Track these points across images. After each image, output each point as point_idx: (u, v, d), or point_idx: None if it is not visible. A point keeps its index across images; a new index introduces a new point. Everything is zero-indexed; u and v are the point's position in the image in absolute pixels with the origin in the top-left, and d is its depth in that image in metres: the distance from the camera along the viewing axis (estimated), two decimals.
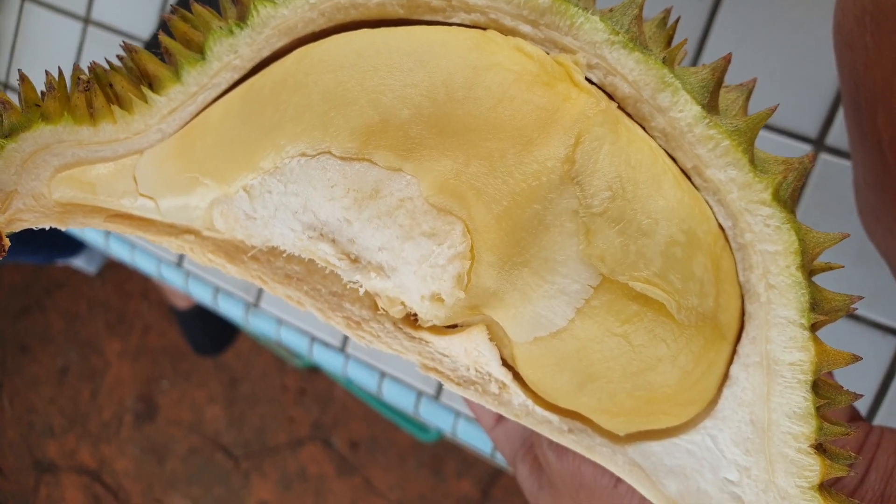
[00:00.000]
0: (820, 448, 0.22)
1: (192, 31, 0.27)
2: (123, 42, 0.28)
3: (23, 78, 0.26)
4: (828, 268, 0.23)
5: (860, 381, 0.51)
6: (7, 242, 0.26)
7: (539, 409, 0.27)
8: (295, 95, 0.24)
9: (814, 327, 0.22)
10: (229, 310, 0.72)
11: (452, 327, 0.27)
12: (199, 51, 0.27)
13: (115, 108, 0.27)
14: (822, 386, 0.22)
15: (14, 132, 0.26)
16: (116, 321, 1.95)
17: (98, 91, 0.27)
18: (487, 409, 0.40)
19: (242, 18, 0.26)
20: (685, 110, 0.22)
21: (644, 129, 0.23)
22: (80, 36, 0.76)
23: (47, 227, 0.28)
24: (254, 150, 0.25)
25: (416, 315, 0.27)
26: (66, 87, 0.27)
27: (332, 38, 0.25)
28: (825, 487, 0.23)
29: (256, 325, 0.70)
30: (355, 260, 0.25)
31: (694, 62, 0.54)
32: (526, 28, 0.23)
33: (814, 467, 0.22)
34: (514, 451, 0.40)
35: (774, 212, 0.22)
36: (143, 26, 0.73)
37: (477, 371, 0.27)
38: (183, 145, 0.27)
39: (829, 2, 0.50)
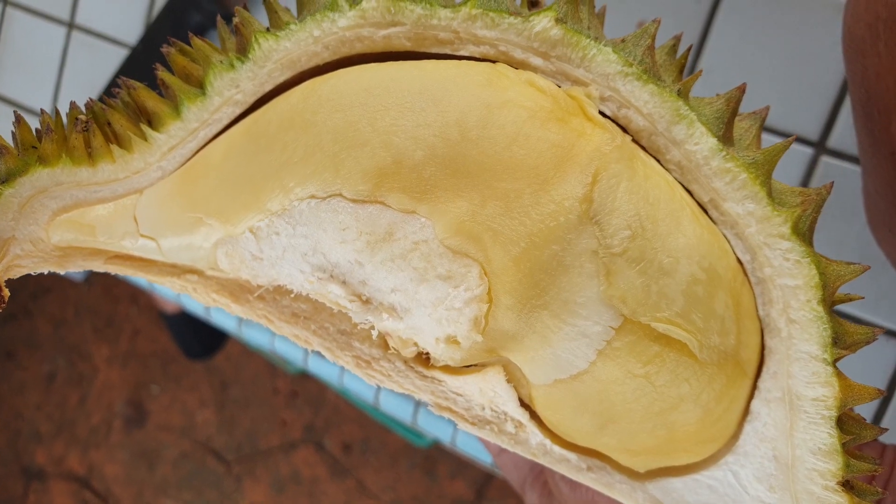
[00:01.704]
0: (847, 485, 0.22)
1: (191, 64, 0.26)
2: (122, 78, 0.27)
3: (18, 119, 0.26)
4: (847, 299, 0.23)
5: (871, 381, 0.50)
6: (7, 293, 0.26)
7: (557, 448, 0.26)
8: (304, 135, 0.23)
9: (836, 360, 0.22)
10: (222, 320, 0.71)
11: (468, 367, 0.27)
12: (199, 85, 0.26)
13: (113, 147, 0.26)
14: (846, 421, 0.22)
15: (11, 177, 0.25)
16: (105, 326, 1.93)
17: (96, 130, 0.26)
18: None
19: (243, 52, 0.25)
20: (701, 143, 0.22)
21: (659, 161, 0.23)
22: (64, 41, 0.74)
23: (45, 272, 0.28)
24: (260, 190, 0.25)
25: (428, 354, 0.27)
26: (63, 127, 0.26)
27: (339, 73, 0.24)
28: None
29: (250, 335, 0.69)
30: (367, 301, 0.25)
31: (693, 67, 0.53)
32: (537, 60, 0.23)
33: None
34: (523, 478, 0.39)
35: (794, 245, 0.22)
36: (129, 31, 0.71)
37: (493, 410, 0.27)
38: (185, 183, 0.26)
39: (827, 4, 0.50)
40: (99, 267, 0.29)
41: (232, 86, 0.25)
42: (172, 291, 0.30)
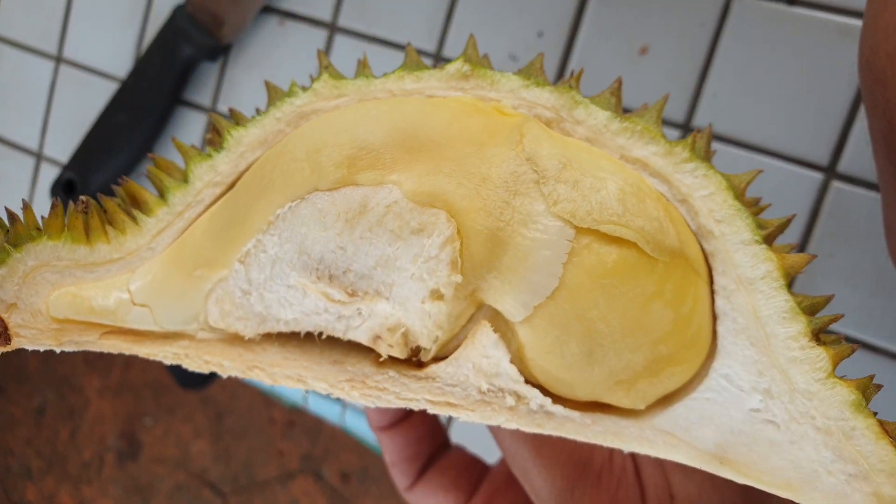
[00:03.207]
0: (818, 340, 0.25)
1: (172, 165, 0.31)
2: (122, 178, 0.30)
3: (25, 206, 0.28)
4: (757, 200, 0.28)
5: (888, 412, 0.49)
6: (14, 334, 0.28)
7: (559, 409, 0.28)
8: (278, 160, 0.27)
9: (766, 240, 0.26)
10: None
11: (456, 343, 0.29)
12: (182, 178, 0.30)
13: (109, 228, 0.29)
14: (804, 303, 0.26)
15: (19, 242, 0.28)
16: (96, 357, 1.90)
17: (94, 213, 0.29)
18: (403, 471, 0.41)
19: (219, 145, 0.30)
20: (598, 116, 0.27)
21: None
22: (52, 75, 0.73)
23: (41, 349, 0.29)
24: (244, 220, 0.28)
25: (418, 355, 0.29)
26: (64, 209, 0.29)
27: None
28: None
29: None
30: (353, 294, 0.27)
31: (698, 91, 0.52)
32: (457, 94, 0.29)
33: (822, 356, 0.25)
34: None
35: (697, 164, 0.27)
36: (117, 64, 0.70)
37: (490, 388, 0.28)
38: (173, 253, 0.29)
39: (832, 27, 0.49)
40: (94, 345, 0.30)
41: (211, 170, 0.30)
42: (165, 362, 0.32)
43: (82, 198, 0.29)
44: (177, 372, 1.62)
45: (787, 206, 0.50)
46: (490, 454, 0.45)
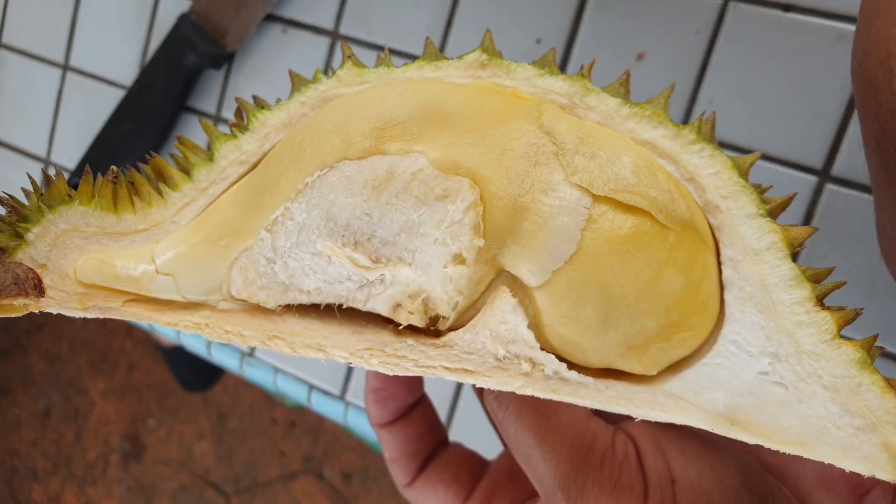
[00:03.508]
0: (822, 305, 0.26)
1: (197, 146, 0.32)
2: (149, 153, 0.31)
3: (58, 174, 0.29)
4: (759, 185, 0.28)
5: None
6: (45, 286, 0.29)
7: (574, 374, 0.29)
8: (308, 133, 0.29)
9: (770, 214, 0.27)
10: (223, 359, 0.70)
11: (474, 311, 0.30)
12: (208, 156, 0.31)
13: (136, 199, 0.30)
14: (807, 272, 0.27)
15: (53, 204, 0.29)
16: (100, 360, 1.91)
17: (123, 183, 0.30)
18: (403, 468, 0.41)
19: (244, 128, 0.31)
20: (609, 102, 0.29)
21: None
22: (59, 83, 0.74)
23: (66, 313, 0.30)
24: (273, 190, 0.29)
25: (436, 325, 0.30)
26: (94, 177, 0.30)
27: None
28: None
29: (251, 374, 0.68)
30: (377, 260, 0.28)
31: (693, 97, 0.53)
32: (475, 82, 0.30)
33: (827, 319, 0.26)
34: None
35: (703, 146, 0.28)
36: (123, 72, 0.71)
37: (506, 354, 0.29)
38: (199, 225, 0.31)
39: (826, 32, 0.50)
40: (116, 312, 0.31)
41: (235, 149, 0.31)
42: (183, 331, 0.33)
43: (112, 168, 0.30)
44: (179, 375, 1.63)
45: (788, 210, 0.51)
46: (488, 451, 0.46)
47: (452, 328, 0.30)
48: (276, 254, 0.29)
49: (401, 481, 0.42)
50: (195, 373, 1.57)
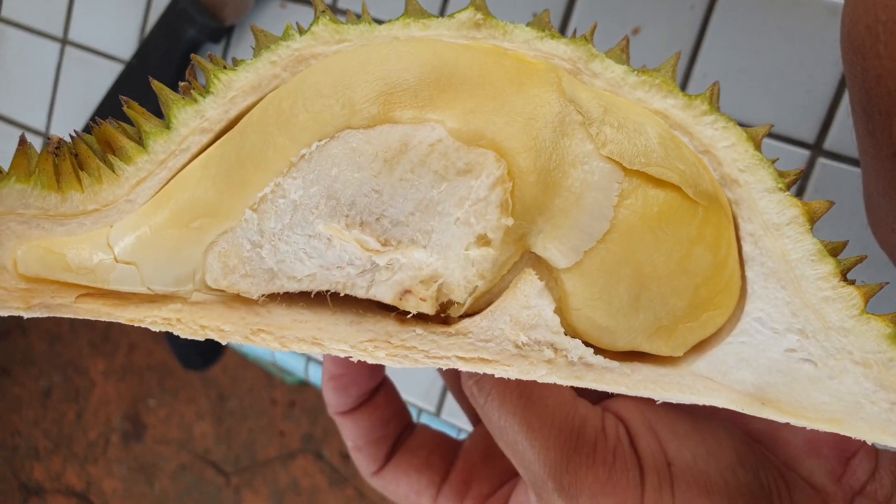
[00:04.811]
0: (846, 279, 0.26)
1: (147, 112, 0.27)
2: (74, 131, 0.27)
3: (22, 139, 0.26)
4: (773, 161, 0.28)
5: None
6: None
7: (599, 359, 0.27)
8: (297, 95, 0.25)
9: (787, 188, 0.27)
10: None
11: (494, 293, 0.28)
12: (163, 124, 0.27)
13: (83, 174, 0.26)
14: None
15: None
16: (101, 340, 1.92)
17: (66, 156, 0.26)
18: (367, 457, 0.39)
19: (205, 88, 0.27)
20: (615, 69, 0.27)
21: None
22: (57, 57, 0.74)
23: (4, 314, 0.26)
24: (259, 163, 0.25)
25: (446, 312, 0.27)
26: (30, 149, 0.26)
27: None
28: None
29: (250, 347, 0.69)
30: (386, 242, 0.26)
31: (688, 71, 0.53)
32: (469, 43, 0.27)
33: (853, 294, 0.25)
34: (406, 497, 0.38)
35: (716, 116, 0.27)
36: (123, 46, 0.71)
37: (527, 341, 0.27)
38: (161, 205, 0.26)
39: (821, 7, 0.50)
40: (68, 309, 0.27)
41: (197, 116, 0.27)
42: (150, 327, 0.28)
43: (53, 137, 0.26)
44: (179, 352, 1.63)
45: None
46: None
47: (465, 314, 0.28)
48: (263, 237, 0.26)
49: (367, 470, 0.40)
50: (196, 351, 1.58)
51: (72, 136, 0.27)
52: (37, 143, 0.76)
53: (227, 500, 1.84)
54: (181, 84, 0.28)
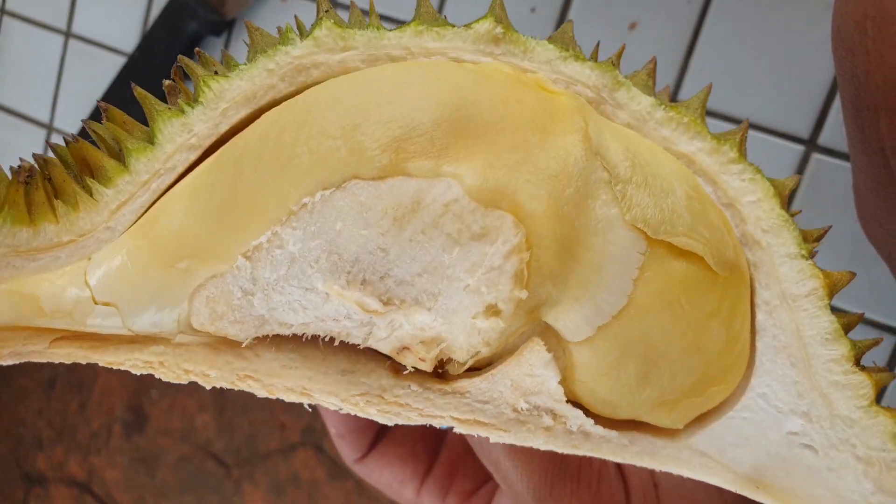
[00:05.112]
0: (860, 365, 0.24)
1: (130, 120, 0.25)
2: (49, 143, 0.25)
3: None
4: (796, 213, 0.26)
5: None
6: None
7: (599, 430, 0.26)
8: (301, 131, 0.22)
9: (811, 255, 0.25)
10: None
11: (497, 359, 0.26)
12: (147, 137, 0.24)
13: (57, 202, 0.23)
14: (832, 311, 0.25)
15: None
16: None
17: (39, 183, 0.23)
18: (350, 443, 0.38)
19: (193, 97, 0.24)
20: (642, 101, 0.25)
21: None
22: (61, 50, 0.75)
23: None
24: (255, 204, 0.23)
25: (443, 368, 0.26)
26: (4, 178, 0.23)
27: (316, 87, 0.24)
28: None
29: None
30: (387, 302, 0.23)
31: (684, 66, 0.53)
32: (486, 59, 0.25)
33: (865, 383, 0.24)
34: (388, 485, 0.38)
35: (745, 166, 0.25)
36: (126, 39, 0.72)
37: (526, 405, 0.25)
38: (144, 236, 0.24)
39: (817, 3, 0.50)
40: (41, 355, 0.25)
41: (184, 131, 0.24)
42: (131, 370, 0.26)
43: (24, 164, 0.23)
44: None
45: (770, 177, 0.52)
46: None
47: (465, 372, 0.26)
48: (255, 285, 0.24)
49: (350, 457, 0.39)
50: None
51: (45, 160, 0.24)
52: (40, 136, 0.77)
53: (228, 491, 1.84)
54: (165, 84, 0.25)
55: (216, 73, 0.25)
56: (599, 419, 0.26)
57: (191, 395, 1.89)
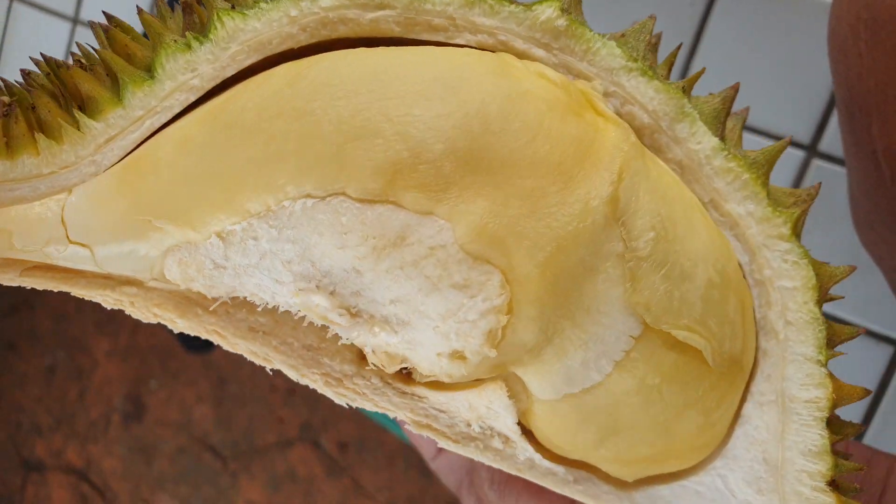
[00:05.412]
0: (833, 484, 0.22)
1: (134, 43, 0.23)
2: (41, 55, 0.23)
3: None
4: (831, 299, 0.23)
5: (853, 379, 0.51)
6: None
7: (546, 463, 0.25)
8: (297, 124, 0.21)
9: (827, 362, 0.22)
10: None
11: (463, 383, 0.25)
12: (146, 67, 0.22)
13: (38, 135, 0.22)
14: (833, 422, 0.22)
15: None
16: (105, 320, 1.93)
17: (19, 115, 0.22)
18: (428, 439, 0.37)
19: (202, 31, 0.22)
20: (703, 141, 0.22)
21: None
22: (68, 36, 0.75)
23: None
24: (237, 188, 0.22)
25: (408, 369, 0.25)
26: None
27: (331, 56, 0.21)
28: None
29: None
30: (355, 314, 0.22)
31: (686, 67, 0.53)
32: (539, 52, 0.22)
33: None
34: (459, 481, 0.38)
35: (793, 247, 0.22)
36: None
37: (480, 426, 0.24)
38: (127, 181, 0.23)
39: (820, 8, 0.50)
40: (11, 280, 0.24)
41: (188, 69, 0.22)
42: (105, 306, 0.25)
43: (4, 98, 0.22)
44: (182, 335, 1.64)
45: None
46: None
47: (426, 383, 0.25)
48: (227, 262, 0.23)
49: (429, 452, 0.41)
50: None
51: (31, 87, 0.23)
52: None
53: (224, 484, 1.85)
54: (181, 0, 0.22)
55: (233, 7, 0.22)
56: (549, 453, 0.26)
57: (189, 387, 1.89)
